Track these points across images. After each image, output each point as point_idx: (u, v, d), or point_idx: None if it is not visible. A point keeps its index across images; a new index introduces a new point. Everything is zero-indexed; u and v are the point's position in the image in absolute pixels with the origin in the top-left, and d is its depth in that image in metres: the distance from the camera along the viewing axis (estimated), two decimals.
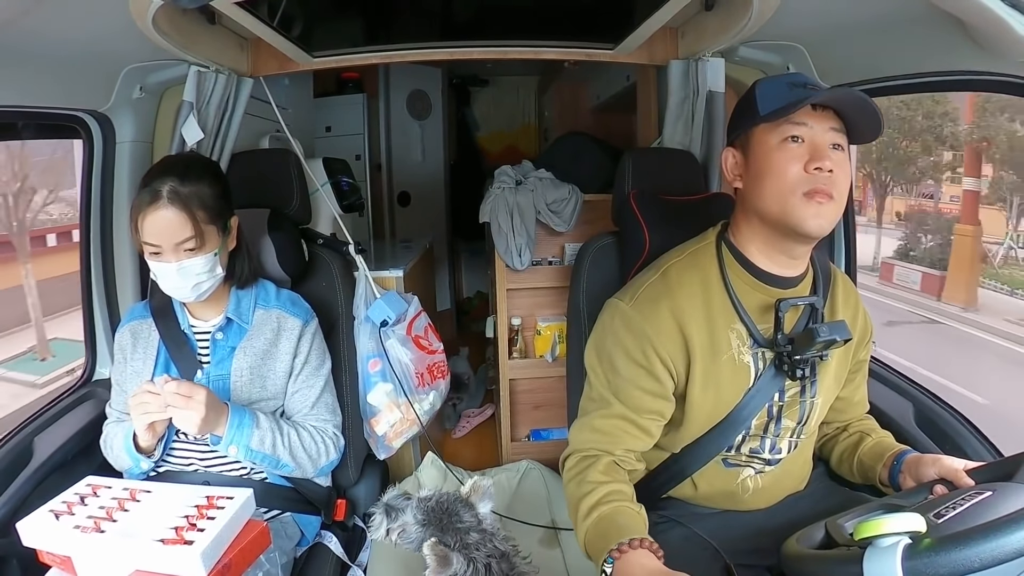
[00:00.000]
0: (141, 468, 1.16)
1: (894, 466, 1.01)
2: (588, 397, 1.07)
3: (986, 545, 0.60)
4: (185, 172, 1.10)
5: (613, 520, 0.92)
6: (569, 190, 1.92)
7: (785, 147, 0.93)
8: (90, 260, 1.50)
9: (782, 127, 0.94)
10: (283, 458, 1.18)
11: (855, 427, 1.16)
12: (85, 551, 0.89)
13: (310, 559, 1.28)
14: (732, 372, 1.01)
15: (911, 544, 0.64)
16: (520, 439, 2.11)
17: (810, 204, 0.91)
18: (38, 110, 1.28)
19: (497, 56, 1.67)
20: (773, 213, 0.95)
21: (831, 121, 0.94)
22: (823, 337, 0.94)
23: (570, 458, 1.04)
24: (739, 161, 1.01)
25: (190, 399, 1.05)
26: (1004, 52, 0.93)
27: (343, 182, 2.22)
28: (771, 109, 0.95)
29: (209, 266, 1.12)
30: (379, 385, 1.50)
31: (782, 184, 0.93)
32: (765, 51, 1.48)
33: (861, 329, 1.10)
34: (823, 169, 0.91)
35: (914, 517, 0.65)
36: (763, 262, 1.01)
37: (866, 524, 0.65)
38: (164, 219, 1.06)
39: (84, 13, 1.04)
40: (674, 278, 1.03)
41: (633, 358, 1.00)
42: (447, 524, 1.03)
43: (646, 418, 1.01)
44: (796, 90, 0.95)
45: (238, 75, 1.51)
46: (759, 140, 0.97)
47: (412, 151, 3.73)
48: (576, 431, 1.06)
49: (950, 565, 0.61)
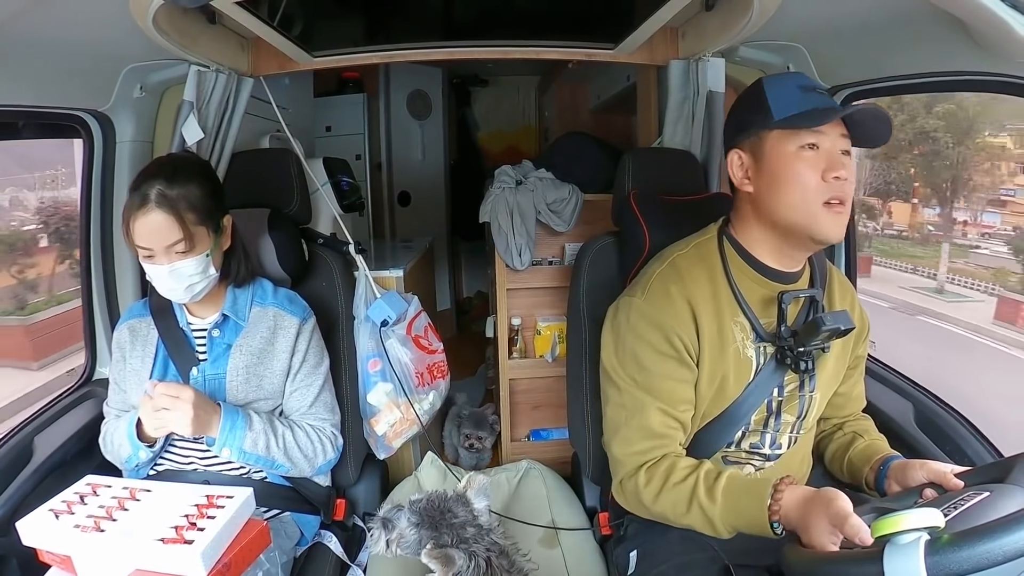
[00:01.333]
0: (140, 458, 1.15)
1: (880, 470, 1.01)
2: (618, 405, 1.04)
3: (1008, 538, 0.59)
4: (173, 174, 1.09)
5: (739, 482, 0.92)
6: (569, 190, 1.92)
7: (803, 155, 0.94)
8: (90, 259, 1.50)
9: (800, 134, 0.94)
10: (278, 459, 1.18)
11: (850, 427, 1.16)
12: (85, 550, 0.89)
13: (310, 559, 1.28)
14: (737, 365, 1.01)
15: (931, 540, 0.62)
16: (520, 439, 2.10)
17: (831, 215, 0.93)
18: (38, 109, 1.28)
19: (497, 56, 1.66)
20: (795, 222, 0.95)
21: (841, 128, 0.95)
22: (828, 326, 0.94)
23: (639, 475, 1.00)
24: (748, 164, 1.00)
25: (176, 399, 1.05)
26: (1005, 53, 0.93)
27: (343, 182, 2.21)
28: (787, 114, 0.95)
29: (201, 267, 1.12)
30: (379, 385, 1.50)
31: (805, 193, 0.93)
32: (765, 51, 1.48)
33: (858, 323, 1.11)
34: (841, 178, 0.92)
35: (933, 512, 0.63)
36: (766, 258, 1.02)
37: (884, 522, 0.64)
38: (153, 222, 1.06)
39: (84, 12, 1.04)
40: (683, 267, 1.04)
41: (660, 350, 1.00)
42: (440, 521, 1.03)
43: (681, 410, 1.01)
44: (808, 94, 0.96)
45: (238, 75, 1.51)
46: (774, 146, 0.96)
47: (412, 151, 3.73)
48: (622, 446, 1.03)
49: (974, 559, 0.59)
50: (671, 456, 1.00)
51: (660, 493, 0.97)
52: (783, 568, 0.79)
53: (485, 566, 1.01)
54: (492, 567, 1.02)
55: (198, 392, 1.09)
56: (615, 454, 1.05)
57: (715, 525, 0.92)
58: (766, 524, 0.85)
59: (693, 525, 0.95)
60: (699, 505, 0.93)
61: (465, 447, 1.98)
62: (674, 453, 1.00)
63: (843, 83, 1.39)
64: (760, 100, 0.98)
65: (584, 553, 1.38)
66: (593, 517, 1.46)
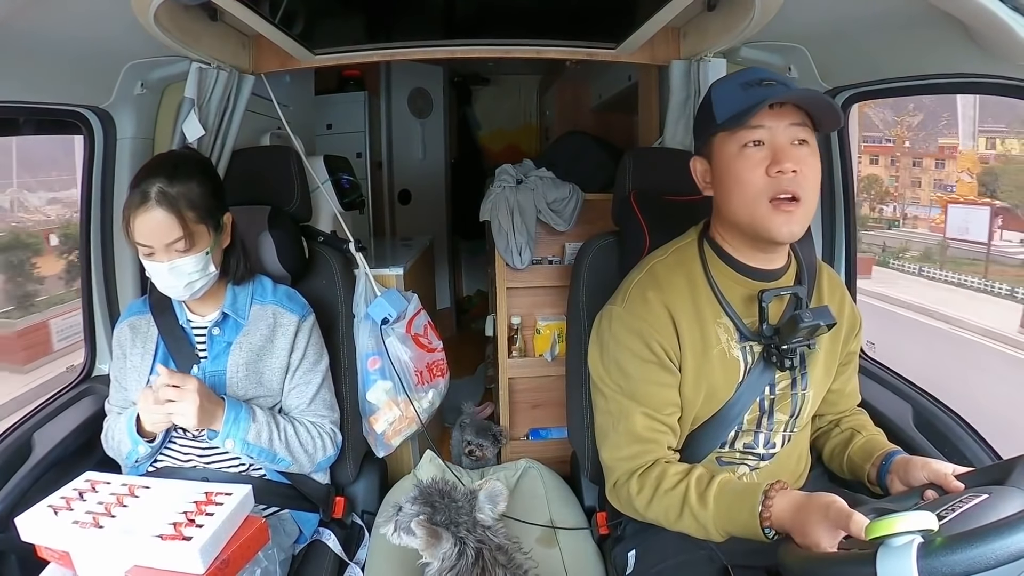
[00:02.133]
0: (139, 453, 1.15)
1: (882, 466, 1.00)
2: (605, 412, 1.06)
3: (1001, 542, 0.59)
4: (173, 172, 1.09)
5: (730, 488, 0.91)
6: (570, 189, 1.92)
7: (745, 153, 0.92)
8: (90, 256, 1.50)
9: (739, 133, 0.93)
10: (280, 452, 1.18)
11: (847, 423, 1.16)
12: (83, 546, 0.89)
13: (308, 556, 1.28)
14: (723, 367, 1.01)
15: (924, 543, 0.62)
16: (519, 438, 2.11)
17: (778, 213, 0.91)
18: (39, 106, 1.28)
19: (499, 55, 1.66)
20: (744, 223, 0.95)
21: (791, 117, 0.91)
22: (807, 322, 0.94)
23: (631, 483, 1.00)
24: (706, 169, 1.01)
25: (182, 389, 1.05)
26: (1006, 54, 0.93)
27: (344, 180, 2.21)
28: (726, 116, 0.94)
29: (201, 265, 1.12)
30: (378, 383, 1.51)
31: (746, 193, 0.92)
32: (767, 52, 1.47)
33: (849, 319, 1.11)
34: (785, 172, 0.90)
35: (926, 515, 0.63)
36: (745, 257, 1.02)
37: (878, 524, 0.64)
38: (153, 220, 1.06)
39: (86, 9, 1.04)
40: (661, 274, 1.04)
41: (641, 357, 1.00)
42: (439, 503, 1.04)
43: (667, 413, 1.01)
44: (750, 90, 0.93)
45: (239, 72, 1.51)
46: (719, 148, 0.96)
47: (413, 149, 3.73)
48: (611, 451, 1.04)
49: (966, 562, 0.60)
50: (661, 462, 1.00)
51: (652, 500, 0.98)
52: (780, 568, 0.79)
53: (475, 556, 1.01)
54: (484, 560, 1.02)
55: (203, 384, 1.09)
56: (605, 460, 1.06)
57: (708, 530, 0.92)
58: (758, 530, 0.85)
59: (687, 530, 0.95)
60: (691, 511, 0.93)
61: (465, 453, 1.98)
62: (664, 459, 1.00)
63: (844, 84, 1.39)
64: (707, 105, 0.98)
65: (582, 552, 1.38)
66: (591, 516, 1.46)
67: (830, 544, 0.75)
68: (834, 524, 0.75)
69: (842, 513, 0.74)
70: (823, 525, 0.76)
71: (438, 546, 0.99)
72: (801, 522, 0.79)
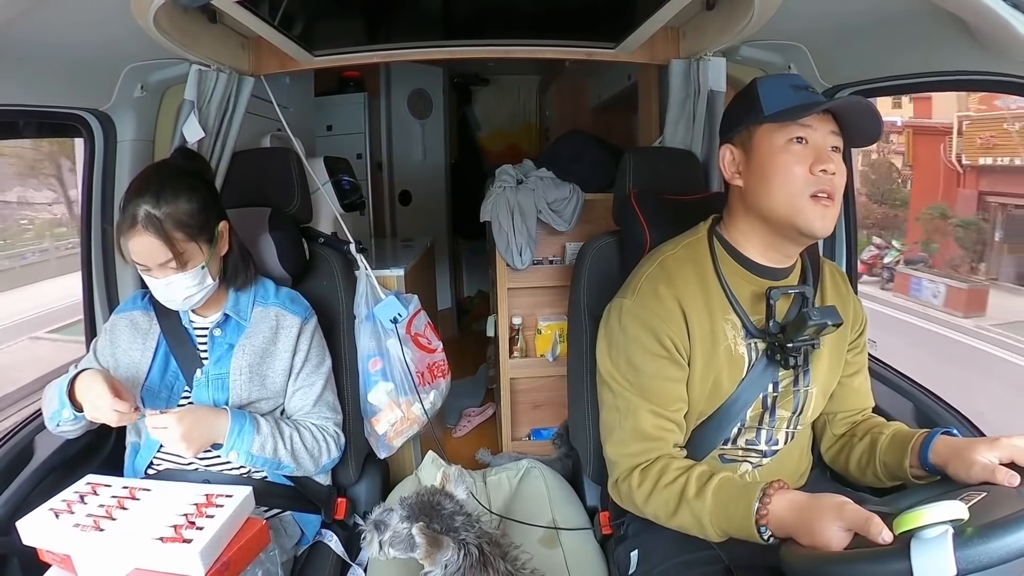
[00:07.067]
0: (62, 416, 1.09)
1: (923, 450, 0.94)
2: (612, 408, 1.05)
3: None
4: (160, 191, 1.06)
5: (728, 486, 0.91)
6: (570, 189, 1.92)
7: (790, 148, 0.95)
8: (91, 258, 1.49)
9: (788, 128, 0.95)
10: (285, 460, 1.18)
11: (863, 428, 1.12)
12: (85, 549, 0.90)
13: (310, 558, 1.28)
14: (729, 362, 1.02)
15: (956, 533, 0.62)
16: (520, 438, 2.11)
17: (817, 206, 0.94)
18: (40, 109, 1.28)
19: (498, 55, 1.66)
20: (780, 214, 0.96)
21: (831, 125, 0.97)
22: (814, 321, 0.95)
23: (632, 477, 1.00)
24: (738, 158, 1.02)
25: (165, 431, 1.05)
26: (1006, 52, 0.93)
27: (344, 181, 2.21)
28: (777, 109, 0.96)
29: (197, 280, 1.12)
30: (380, 384, 1.50)
31: (791, 185, 0.95)
32: (766, 51, 1.48)
33: (853, 318, 1.12)
34: (828, 171, 0.93)
35: (956, 505, 0.63)
36: (755, 255, 1.03)
37: (906, 517, 0.63)
38: (142, 244, 1.06)
39: (85, 13, 1.04)
40: (672, 267, 1.05)
41: (651, 351, 1.00)
42: (433, 514, 1.04)
43: (674, 409, 1.01)
44: (800, 92, 0.98)
45: (239, 74, 1.51)
46: (763, 139, 0.98)
47: (413, 150, 3.73)
48: (616, 447, 1.04)
49: (1003, 549, 0.59)
50: (665, 457, 1.00)
51: (651, 494, 0.98)
52: (784, 570, 0.78)
53: (478, 553, 1.01)
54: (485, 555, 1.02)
55: (190, 414, 1.09)
56: (609, 455, 1.06)
57: (704, 526, 0.92)
58: (752, 528, 0.84)
59: (683, 525, 0.95)
60: (688, 505, 0.92)
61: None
62: (668, 455, 1.00)
63: (844, 82, 1.39)
64: (752, 97, 1.00)
65: (585, 553, 1.38)
66: (594, 516, 1.46)
67: (840, 546, 0.74)
68: (849, 525, 0.74)
69: (860, 514, 0.72)
70: (836, 525, 0.74)
71: (441, 552, 0.99)
72: (807, 522, 0.78)
